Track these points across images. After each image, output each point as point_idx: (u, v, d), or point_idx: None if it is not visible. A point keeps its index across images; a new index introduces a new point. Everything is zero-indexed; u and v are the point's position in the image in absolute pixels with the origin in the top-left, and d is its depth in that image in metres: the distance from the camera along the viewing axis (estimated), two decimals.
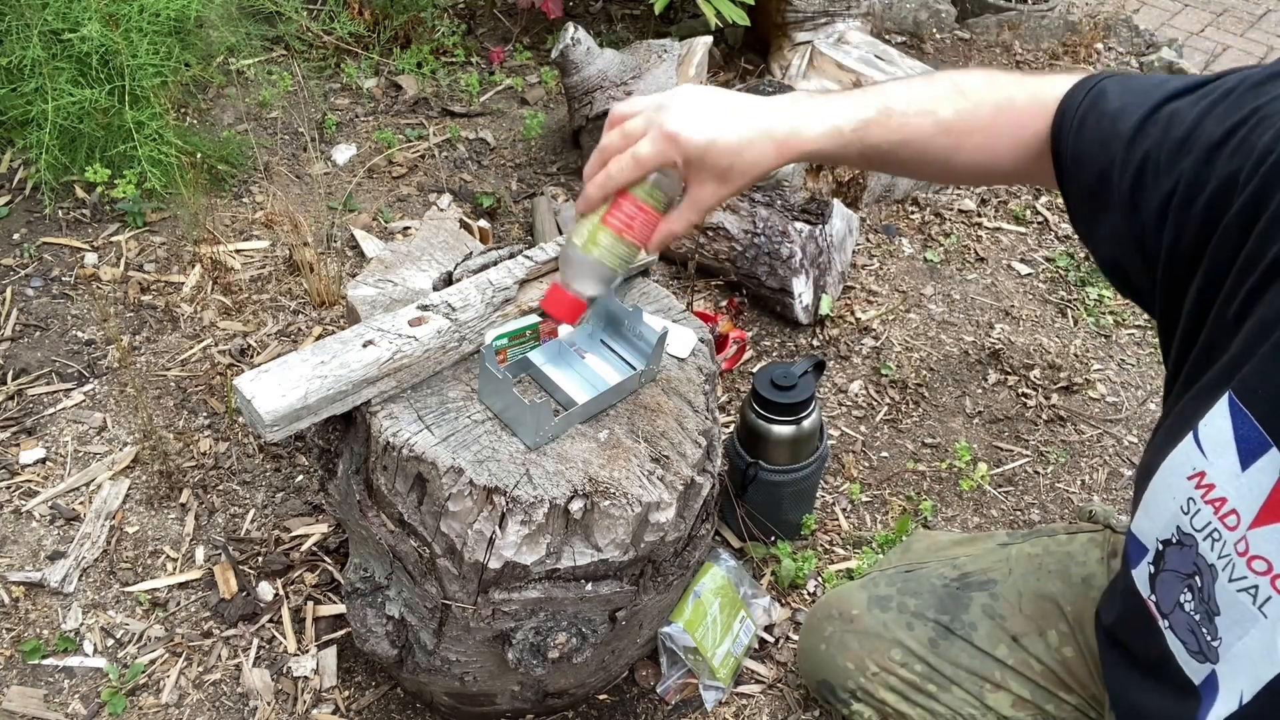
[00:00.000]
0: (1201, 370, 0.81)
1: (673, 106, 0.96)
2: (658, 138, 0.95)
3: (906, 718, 1.24)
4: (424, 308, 1.22)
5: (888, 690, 1.24)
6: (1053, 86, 0.93)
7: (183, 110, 2.54)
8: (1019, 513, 1.85)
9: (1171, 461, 0.83)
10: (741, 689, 1.55)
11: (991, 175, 1.00)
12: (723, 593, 1.52)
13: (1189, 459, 0.81)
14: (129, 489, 1.76)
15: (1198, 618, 0.83)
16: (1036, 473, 1.93)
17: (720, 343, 1.98)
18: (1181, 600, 0.85)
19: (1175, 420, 0.84)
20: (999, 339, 2.18)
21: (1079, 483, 1.92)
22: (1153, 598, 0.88)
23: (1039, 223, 2.56)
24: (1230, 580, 0.79)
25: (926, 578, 1.27)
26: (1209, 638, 0.82)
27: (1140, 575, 0.89)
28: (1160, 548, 0.86)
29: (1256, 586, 0.77)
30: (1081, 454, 1.97)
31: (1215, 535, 0.80)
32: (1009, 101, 0.94)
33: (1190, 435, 0.81)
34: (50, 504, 1.72)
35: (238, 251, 2.22)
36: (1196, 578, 0.82)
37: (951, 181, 1.08)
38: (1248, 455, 0.76)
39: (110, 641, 1.56)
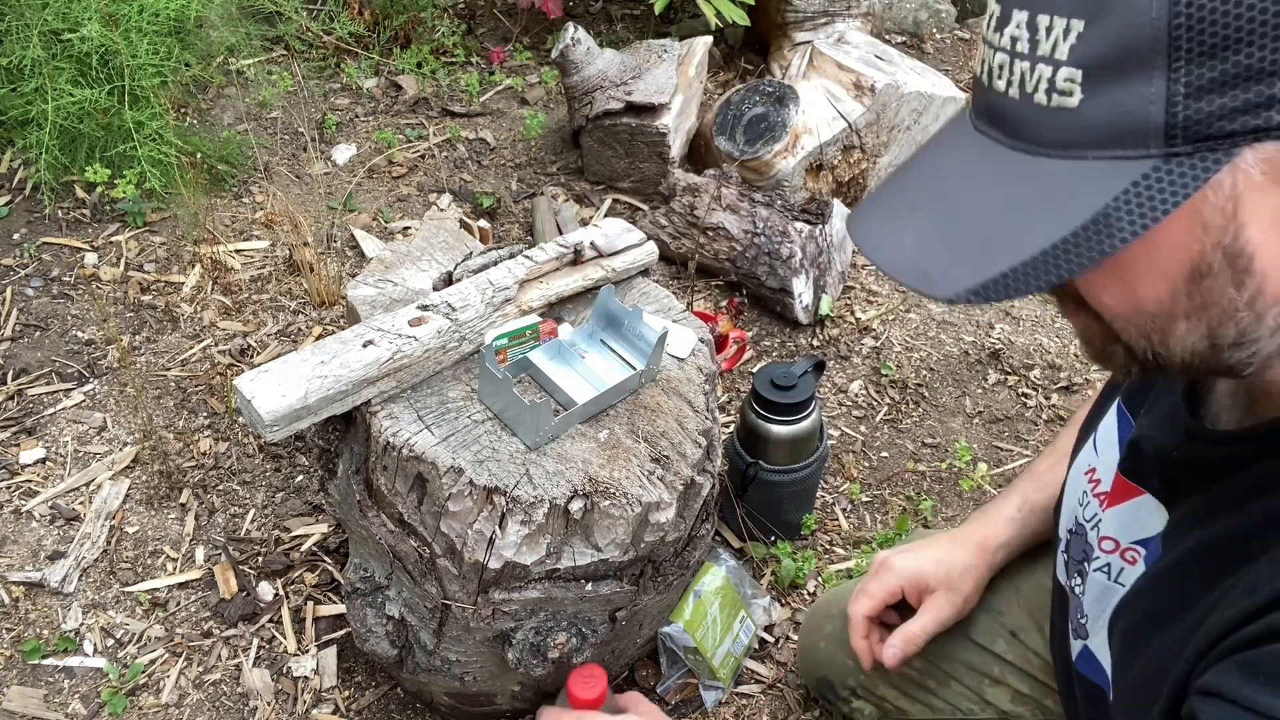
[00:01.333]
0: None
1: (884, 556, 1.19)
2: (869, 575, 1.20)
3: (906, 714, 1.24)
4: (424, 308, 1.22)
5: (887, 686, 1.25)
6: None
7: (183, 110, 2.54)
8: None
9: (1078, 462, 0.95)
10: (741, 689, 1.55)
11: None
12: (723, 593, 1.52)
13: (1087, 458, 0.93)
14: (129, 489, 1.76)
15: (1079, 598, 0.92)
16: None
17: (720, 343, 1.98)
18: (1074, 585, 0.94)
19: (1085, 427, 0.97)
20: (999, 339, 2.18)
21: None
22: (1067, 583, 0.97)
23: None
24: (1091, 562, 0.88)
25: None
26: (1080, 616, 0.91)
27: (1059, 565, 0.99)
28: (1068, 537, 0.95)
29: (1109, 564, 0.85)
30: None
31: (1097, 523, 0.89)
32: None
33: (1092, 438, 0.93)
34: (50, 504, 1.72)
35: (238, 251, 2.22)
36: (1085, 563, 0.91)
37: None
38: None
39: (110, 641, 1.56)
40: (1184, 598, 0.72)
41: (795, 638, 1.60)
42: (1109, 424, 0.90)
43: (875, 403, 2.03)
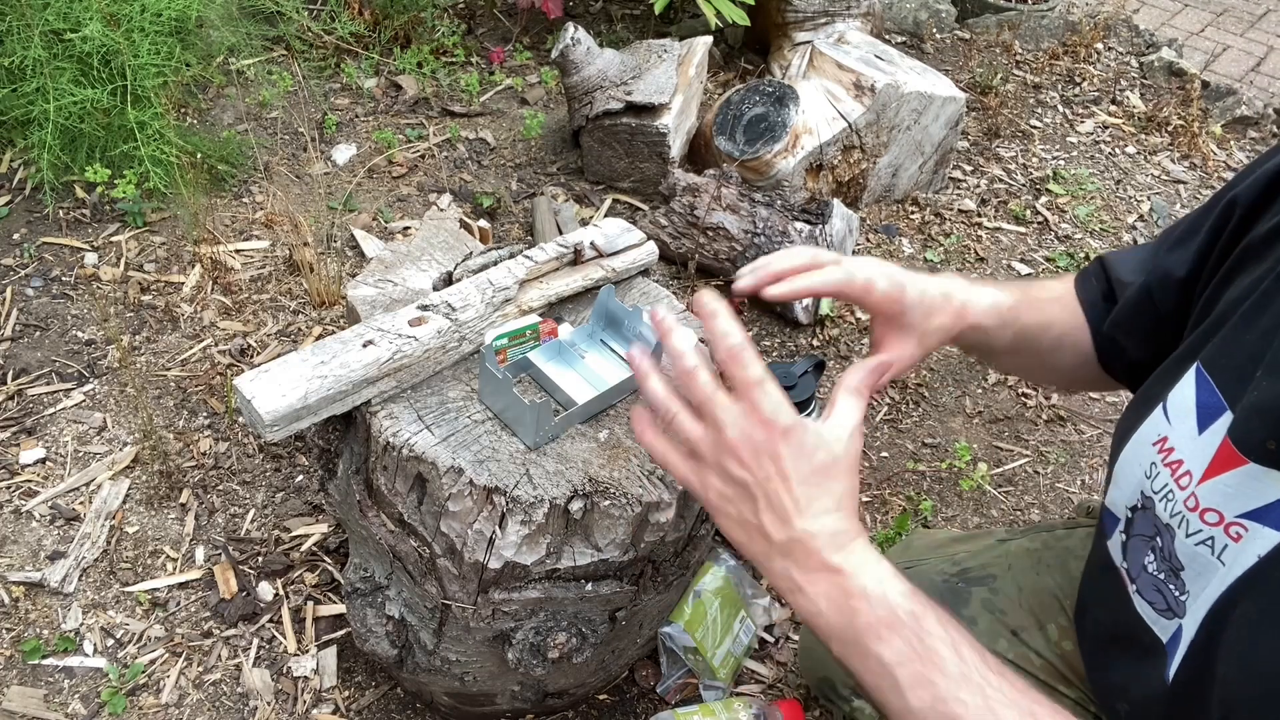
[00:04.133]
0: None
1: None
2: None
3: None
4: (424, 308, 1.22)
5: None
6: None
7: (183, 110, 2.54)
8: (1019, 512, 1.85)
9: (1141, 432, 0.89)
10: (741, 689, 1.55)
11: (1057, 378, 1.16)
12: (723, 593, 1.52)
13: (1156, 427, 0.87)
14: (129, 489, 1.76)
15: (1162, 576, 0.87)
16: (1036, 473, 1.93)
17: None
18: (1145, 563, 0.88)
19: (1144, 395, 0.90)
20: None
21: (1079, 482, 1.92)
22: (1124, 565, 0.92)
23: (1039, 223, 2.56)
24: (1188, 536, 0.83)
25: (926, 573, 1.28)
26: (1176, 593, 0.85)
27: (1114, 545, 0.93)
28: (1129, 515, 0.90)
29: (1212, 538, 0.80)
30: (1081, 454, 1.97)
31: (1169, 495, 0.84)
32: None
33: (1160, 406, 0.87)
34: (50, 504, 1.72)
35: (238, 251, 2.22)
36: (1158, 538, 0.86)
37: (1073, 383, 1.20)
38: (1205, 419, 0.82)
39: (110, 641, 1.56)
40: None
41: (795, 638, 1.60)
42: (1184, 391, 0.85)
43: (875, 403, 2.03)
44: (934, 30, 3.31)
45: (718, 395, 0.80)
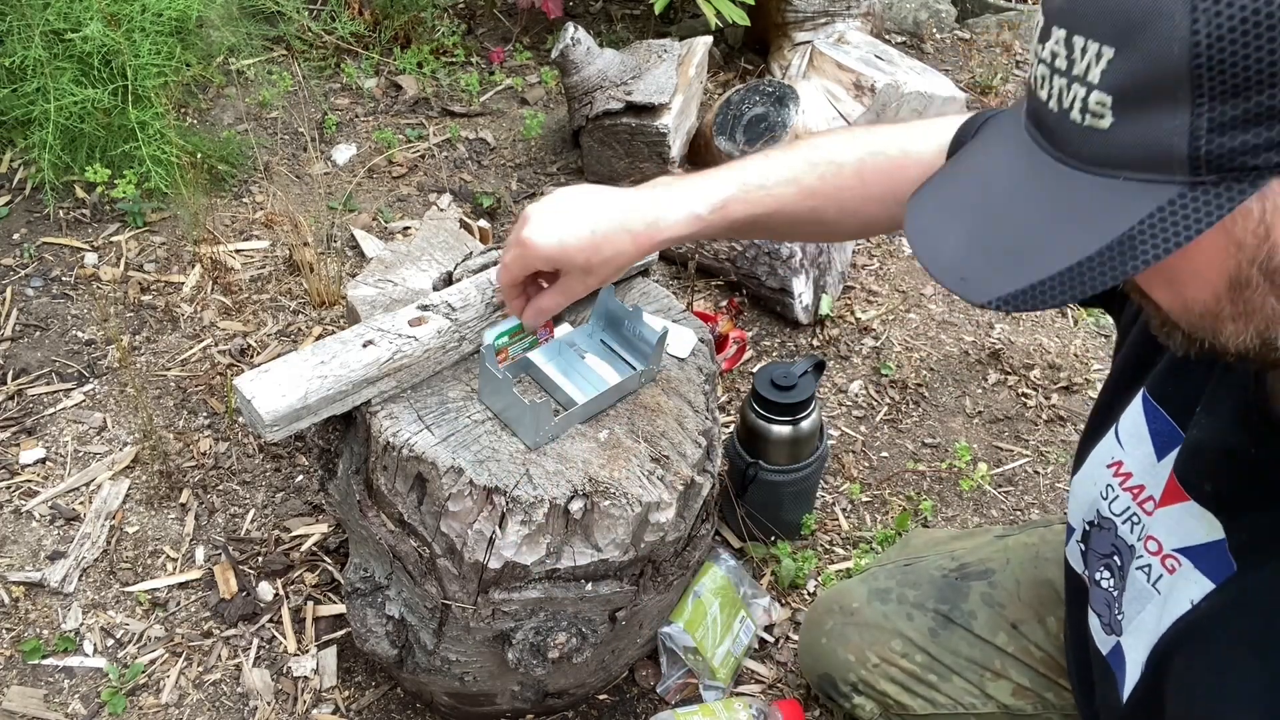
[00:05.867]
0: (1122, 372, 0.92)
1: (531, 216, 1.05)
2: (512, 244, 1.07)
3: (908, 709, 1.24)
4: (424, 308, 1.22)
5: (889, 682, 1.25)
6: (933, 134, 1.01)
7: (183, 110, 2.54)
8: (1019, 512, 1.85)
9: (1096, 453, 0.93)
10: (742, 689, 1.55)
11: (873, 228, 1.09)
12: (723, 593, 1.52)
13: (1109, 450, 0.91)
14: (129, 489, 1.76)
15: (1115, 594, 0.90)
16: (1036, 473, 1.93)
17: (720, 343, 1.98)
18: (1099, 578, 0.92)
19: (1101, 416, 0.94)
20: (999, 339, 2.18)
21: None
22: (1086, 573, 0.96)
23: None
24: (1134, 559, 0.87)
25: (925, 569, 1.28)
26: (1116, 613, 0.90)
27: (1073, 552, 0.98)
28: (1086, 528, 0.94)
29: (1149, 565, 0.85)
30: None
31: (1135, 519, 0.87)
32: (872, 158, 1.02)
33: (1111, 430, 0.91)
34: (50, 504, 1.72)
35: (238, 251, 2.22)
36: (1115, 557, 0.90)
37: (835, 239, 1.21)
38: (1162, 447, 0.85)
39: (110, 641, 1.56)
40: (1262, 635, 0.71)
41: (795, 637, 1.60)
42: (1134, 417, 0.88)
43: (875, 403, 2.03)
44: (934, 30, 3.31)
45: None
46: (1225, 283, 0.59)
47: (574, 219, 1.03)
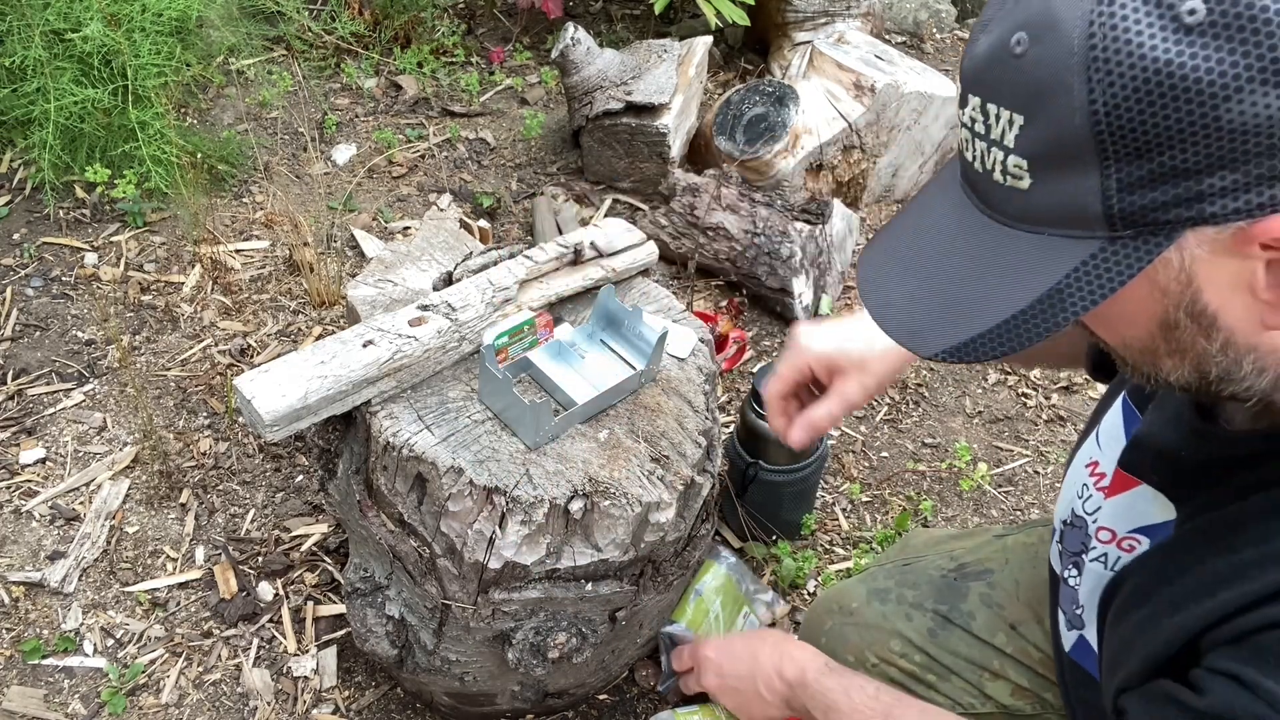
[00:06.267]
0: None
1: (800, 331, 1.12)
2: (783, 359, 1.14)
3: None
4: (424, 308, 1.22)
5: (888, 682, 1.24)
6: None
7: (183, 110, 2.54)
8: (1019, 512, 1.85)
9: (1079, 455, 0.96)
10: None
11: None
12: (724, 590, 1.52)
13: (1089, 451, 0.94)
14: (129, 489, 1.76)
15: (1075, 588, 0.94)
16: (1036, 473, 1.93)
17: (720, 343, 1.98)
18: (1067, 575, 0.95)
19: (1091, 421, 0.98)
20: None
21: None
22: (1062, 572, 0.98)
23: None
24: (1088, 551, 0.90)
25: (924, 569, 1.28)
26: (1075, 607, 0.93)
27: (1054, 554, 1.00)
28: (1062, 528, 0.97)
29: (1105, 554, 0.87)
30: None
31: (1097, 514, 0.90)
32: None
33: (1094, 433, 0.94)
34: (50, 504, 1.72)
35: (238, 251, 2.22)
36: (1082, 554, 0.92)
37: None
38: None
39: (110, 641, 1.56)
40: (1167, 575, 0.75)
41: (796, 636, 1.60)
42: (1114, 419, 0.91)
43: (875, 402, 2.03)
44: (934, 30, 3.31)
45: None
46: (1156, 325, 0.62)
47: (843, 326, 1.10)
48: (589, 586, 1.19)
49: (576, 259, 1.36)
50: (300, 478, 1.80)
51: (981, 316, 0.62)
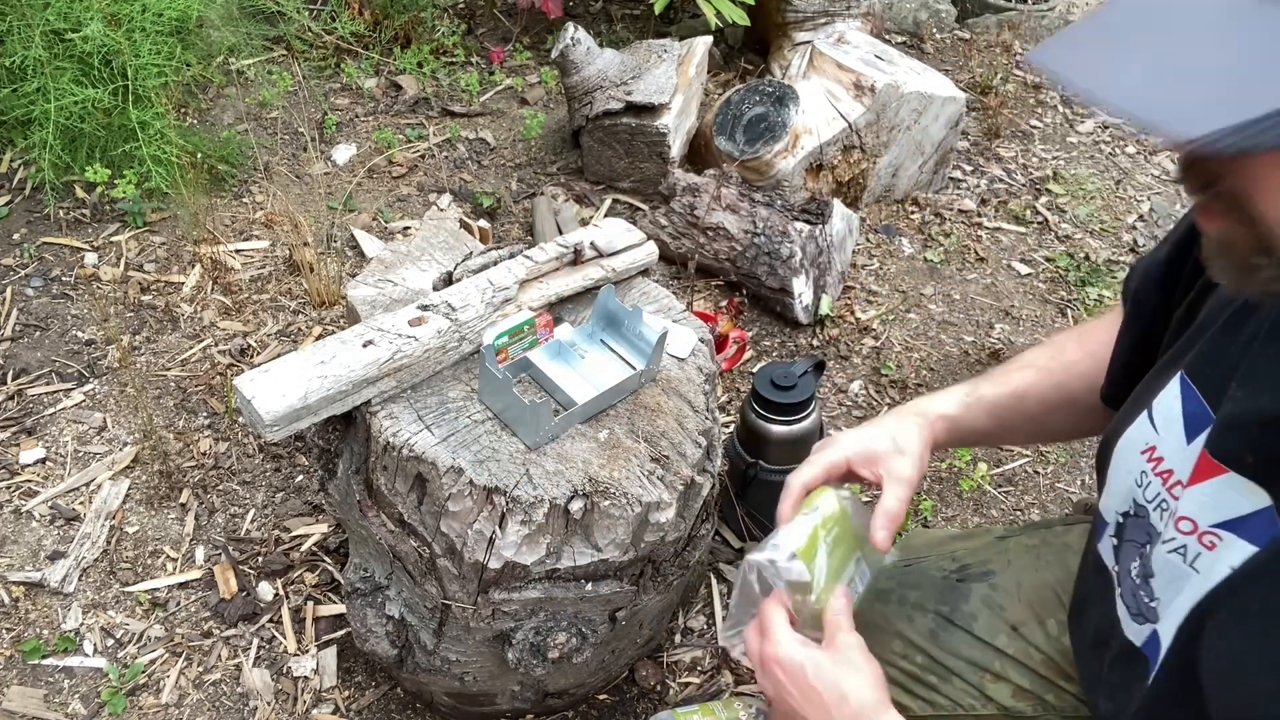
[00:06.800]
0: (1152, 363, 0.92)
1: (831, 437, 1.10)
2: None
3: (907, 710, 1.23)
4: (424, 308, 1.22)
5: (888, 683, 1.24)
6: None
7: (183, 110, 2.54)
8: (1019, 512, 1.85)
9: (1128, 439, 0.90)
10: (743, 688, 1.55)
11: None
12: (838, 523, 1.07)
13: (1143, 435, 0.88)
14: (129, 489, 1.76)
15: (1139, 581, 0.89)
16: (1036, 473, 1.93)
17: (720, 343, 1.98)
18: (1131, 567, 0.90)
19: (1131, 402, 0.92)
20: (999, 339, 2.18)
21: (1079, 482, 1.92)
22: (1115, 567, 0.94)
23: (1039, 223, 2.56)
24: (1163, 543, 0.84)
25: (926, 570, 1.27)
26: (1147, 599, 0.88)
27: (1105, 547, 0.96)
28: (1120, 520, 0.92)
29: (1185, 546, 0.82)
30: (1081, 454, 1.97)
31: (1164, 505, 0.86)
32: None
33: (1145, 413, 0.88)
34: (50, 504, 1.72)
35: (238, 251, 2.22)
36: (1147, 545, 0.88)
37: (1072, 425, 1.21)
38: (1193, 428, 0.82)
39: (110, 641, 1.56)
40: None
41: None
42: (1169, 400, 0.85)
43: (875, 403, 2.03)
44: (934, 30, 3.31)
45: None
46: None
47: (865, 429, 1.08)
48: (589, 586, 1.19)
49: (576, 259, 1.36)
50: (300, 478, 1.80)
51: (1249, 103, 0.51)
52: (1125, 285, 1.05)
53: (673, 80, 2.39)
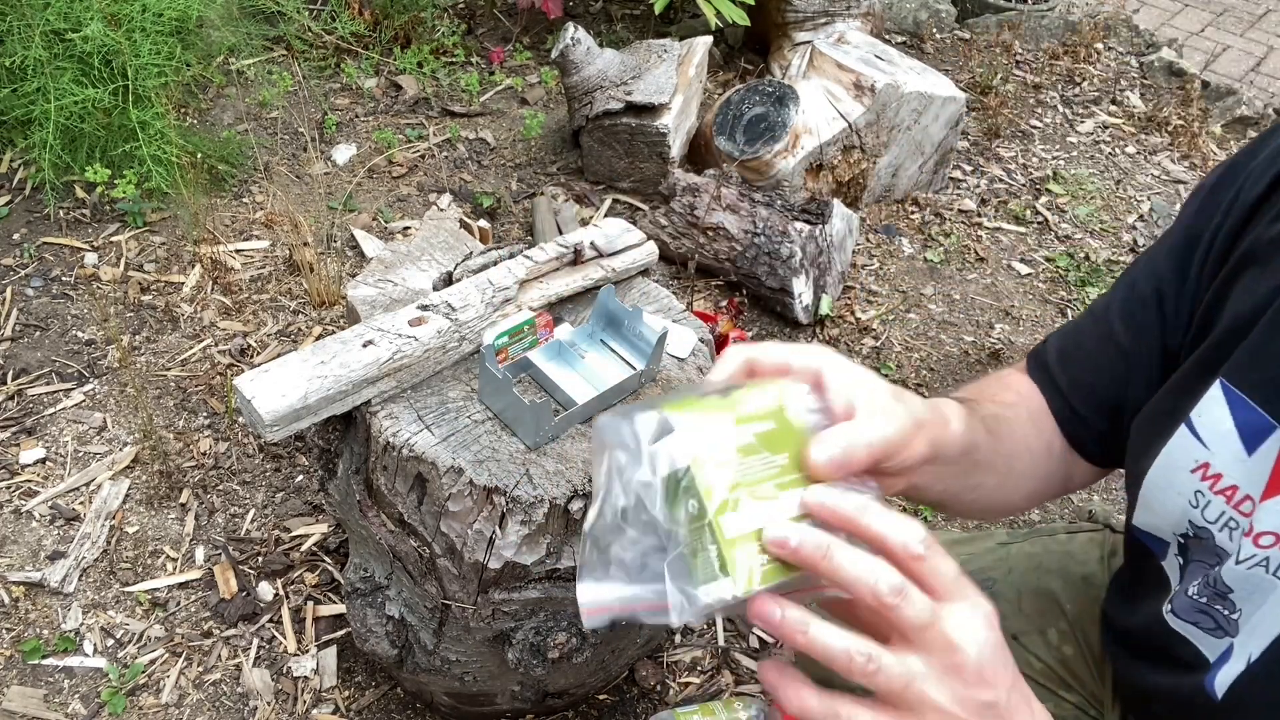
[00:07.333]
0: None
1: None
2: None
3: None
4: (424, 308, 1.22)
5: None
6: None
7: (183, 110, 2.54)
8: (1019, 513, 1.85)
9: (1168, 456, 0.83)
10: (742, 689, 1.55)
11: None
12: (774, 417, 0.66)
13: (1189, 452, 0.81)
14: (129, 489, 1.76)
15: (1204, 600, 0.84)
16: None
17: (720, 343, 1.98)
18: (1191, 589, 0.85)
19: (1157, 412, 0.85)
20: (999, 339, 2.18)
21: None
22: (1180, 585, 0.89)
23: (1039, 223, 2.56)
24: (1238, 562, 0.79)
25: None
26: (1226, 613, 0.82)
27: (1171, 566, 0.89)
28: (1181, 541, 0.86)
29: (1267, 559, 0.77)
30: None
31: (1232, 524, 0.80)
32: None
33: (1184, 427, 0.81)
34: (50, 504, 1.72)
35: (238, 251, 2.22)
36: (1216, 566, 0.83)
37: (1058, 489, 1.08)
38: (1253, 439, 0.77)
39: (110, 641, 1.56)
40: None
41: None
42: (1214, 411, 0.79)
43: None
44: (934, 30, 3.31)
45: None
46: None
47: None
48: None
49: (576, 259, 1.36)
50: (300, 478, 1.80)
51: None
52: (1046, 360, 0.96)
53: (673, 80, 2.39)
